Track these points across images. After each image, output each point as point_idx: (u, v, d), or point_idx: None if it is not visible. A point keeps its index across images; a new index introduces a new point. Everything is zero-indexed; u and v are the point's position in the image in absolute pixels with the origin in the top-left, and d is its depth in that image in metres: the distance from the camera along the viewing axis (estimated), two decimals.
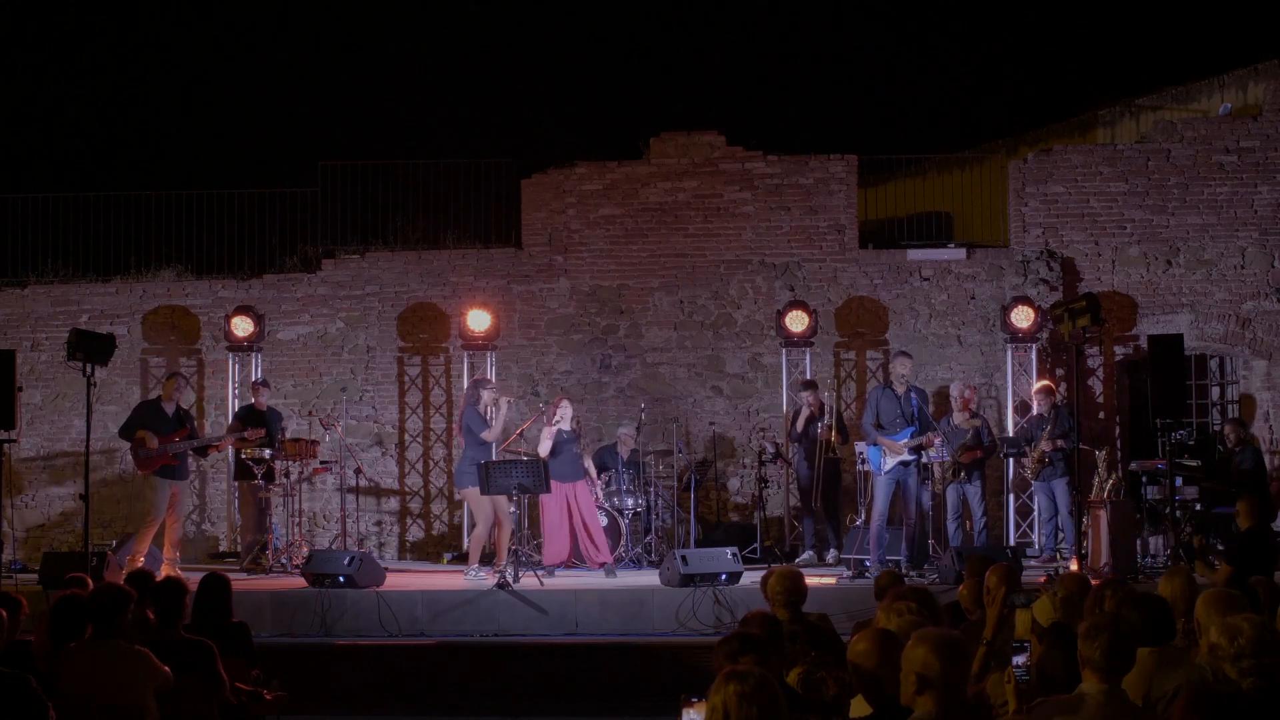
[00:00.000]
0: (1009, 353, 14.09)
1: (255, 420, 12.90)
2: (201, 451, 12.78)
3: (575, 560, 12.34)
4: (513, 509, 11.91)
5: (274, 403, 13.58)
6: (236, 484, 13.28)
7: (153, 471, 11.84)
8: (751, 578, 10.30)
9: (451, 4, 23.32)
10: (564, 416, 12.16)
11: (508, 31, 23.53)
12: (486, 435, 11.83)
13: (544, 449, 12.09)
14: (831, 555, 12.95)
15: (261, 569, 12.35)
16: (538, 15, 23.33)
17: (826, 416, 12.85)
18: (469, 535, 13.04)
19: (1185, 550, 11.90)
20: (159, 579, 7.46)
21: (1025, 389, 13.97)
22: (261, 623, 10.01)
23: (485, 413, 11.89)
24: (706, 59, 23.23)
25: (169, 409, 12.12)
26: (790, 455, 13.49)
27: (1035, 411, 13.19)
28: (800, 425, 13.05)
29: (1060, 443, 12.55)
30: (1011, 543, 13.15)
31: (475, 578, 11.55)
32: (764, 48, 24.11)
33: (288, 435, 13.02)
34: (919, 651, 4.16)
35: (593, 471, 12.83)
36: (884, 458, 11.59)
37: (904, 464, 11.56)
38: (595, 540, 12.10)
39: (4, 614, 6.13)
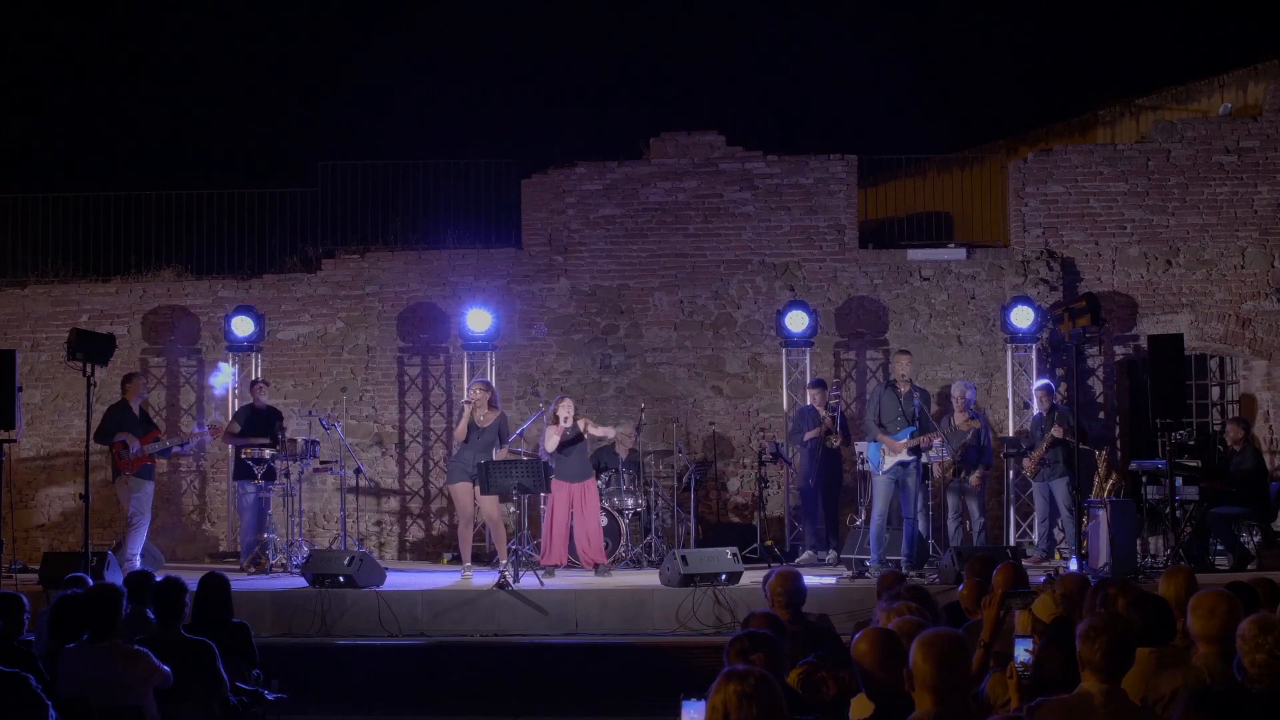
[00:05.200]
0: (1009, 353, 14.09)
1: (254, 420, 12.92)
2: (165, 452, 12.88)
3: (572, 559, 12.31)
4: (512, 509, 11.92)
5: (274, 402, 13.57)
6: (236, 484, 13.28)
7: (134, 473, 12.03)
8: (751, 578, 10.33)
9: (451, 4, 23.30)
10: (567, 415, 12.09)
11: (508, 31, 23.53)
12: (456, 432, 12.15)
13: (550, 444, 12.04)
14: (830, 555, 12.95)
15: (261, 569, 12.36)
16: (537, 15, 23.32)
17: (825, 416, 12.87)
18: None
19: (1185, 550, 11.92)
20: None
21: (1025, 389, 13.98)
22: (261, 623, 10.00)
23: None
24: (706, 59, 23.22)
25: (135, 409, 12.34)
26: (793, 453, 13.50)
27: (1036, 412, 13.20)
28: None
29: (1056, 433, 12.54)
30: (1011, 543, 13.15)
31: (472, 576, 11.59)
32: (764, 48, 24.10)
33: (288, 435, 13.02)
34: (918, 653, 4.17)
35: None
36: (883, 457, 11.61)
37: (903, 464, 11.58)
38: (592, 540, 12.07)
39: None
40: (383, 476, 14.74)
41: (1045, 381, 13.41)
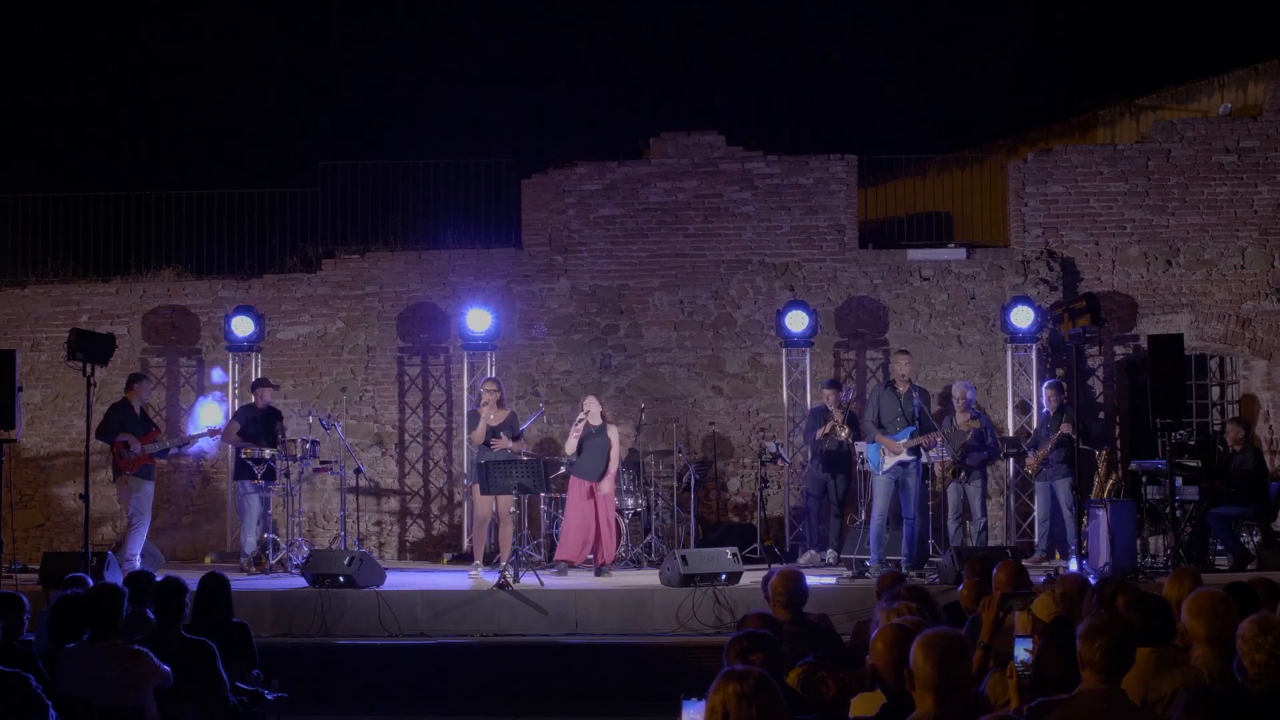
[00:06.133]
0: (1009, 353, 14.08)
1: (255, 420, 12.92)
2: (165, 453, 12.90)
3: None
4: (513, 509, 11.94)
5: (274, 402, 13.55)
6: (236, 484, 13.29)
7: (134, 473, 12.06)
8: (751, 578, 10.34)
9: (451, 4, 23.30)
10: (591, 412, 12.11)
11: (508, 32, 23.53)
12: (471, 437, 12.13)
13: (570, 447, 12.14)
14: (830, 555, 12.96)
15: (262, 569, 12.36)
16: (538, 15, 23.33)
17: (835, 413, 12.86)
18: (468, 534, 13.12)
19: (1185, 550, 11.92)
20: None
21: (1025, 389, 13.98)
22: (261, 623, 10.01)
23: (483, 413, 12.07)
24: (706, 59, 23.22)
25: (137, 409, 12.38)
26: (792, 453, 13.48)
27: (1045, 411, 13.16)
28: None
29: (1065, 429, 12.50)
30: (1011, 543, 13.15)
31: (481, 575, 11.61)
32: (764, 48, 24.10)
33: (288, 435, 13.02)
34: (918, 653, 4.17)
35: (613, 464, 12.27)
36: (883, 457, 11.62)
37: (903, 464, 11.59)
38: (604, 540, 12.05)
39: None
40: (383, 476, 14.74)
41: (1055, 380, 13.38)
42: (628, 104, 21.04)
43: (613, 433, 12.17)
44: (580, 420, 12.05)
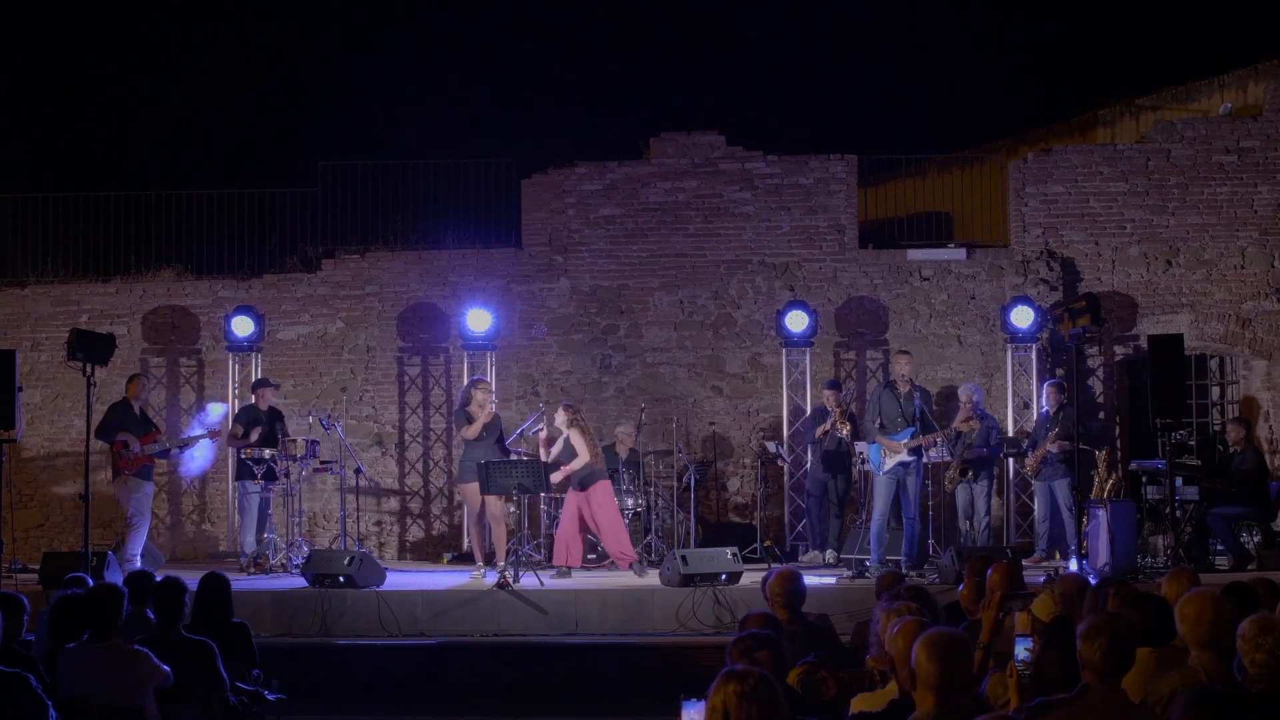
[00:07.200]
0: (1009, 353, 14.09)
1: (256, 421, 12.92)
2: (165, 453, 12.91)
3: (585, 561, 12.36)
4: (512, 509, 11.93)
5: (273, 402, 13.55)
6: (237, 484, 13.29)
7: (133, 473, 12.07)
8: (751, 578, 10.34)
9: (451, 5, 23.30)
10: (558, 424, 12.17)
11: (508, 31, 23.53)
12: (465, 433, 12.09)
13: (546, 454, 12.21)
14: (830, 555, 12.97)
15: (261, 569, 12.36)
16: (537, 15, 23.32)
17: (835, 412, 12.86)
18: (468, 534, 13.12)
19: (1185, 550, 11.92)
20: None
21: (1025, 389, 13.98)
22: (261, 623, 10.01)
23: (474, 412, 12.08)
24: (706, 59, 23.22)
25: (136, 409, 12.39)
26: (808, 453, 13.48)
27: (1044, 410, 13.15)
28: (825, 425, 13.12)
29: (1065, 443, 12.51)
30: (1011, 543, 13.15)
31: (484, 576, 11.62)
32: (764, 48, 24.10)
33: (288, 435, 13.02)
34: (921, 652, 4.17)
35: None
36: (884, 457, 11.62)
37: (903, 464, 11.59)
38: (569, 544, 12.03)
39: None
40: (383, 476, 14.74)
41: (1057, 380, 13.35)
42: (628, 104, 21.05)
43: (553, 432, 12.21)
44: (557, 429, 12.12)
